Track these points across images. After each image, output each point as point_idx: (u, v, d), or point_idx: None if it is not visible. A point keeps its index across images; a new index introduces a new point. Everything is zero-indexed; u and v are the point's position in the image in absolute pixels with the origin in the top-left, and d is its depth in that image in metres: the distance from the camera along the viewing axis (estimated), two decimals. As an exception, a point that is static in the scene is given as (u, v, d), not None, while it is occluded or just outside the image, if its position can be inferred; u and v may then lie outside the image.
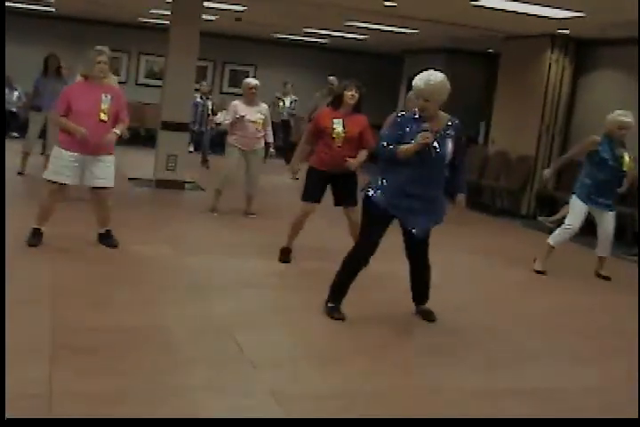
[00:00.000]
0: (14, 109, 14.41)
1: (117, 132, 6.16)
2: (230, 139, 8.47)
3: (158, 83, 12.26)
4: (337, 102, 6.36)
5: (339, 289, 5.11)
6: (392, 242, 5.16)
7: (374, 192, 4.92)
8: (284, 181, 11.95)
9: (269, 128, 8.59)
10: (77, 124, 5.95)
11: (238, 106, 8.35)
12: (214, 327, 4.71)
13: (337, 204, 6.57)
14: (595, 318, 6.04)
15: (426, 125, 4.78)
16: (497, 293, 6.47)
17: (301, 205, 6.54)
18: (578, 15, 8.65)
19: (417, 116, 4.90)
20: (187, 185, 10.38)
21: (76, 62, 10.24)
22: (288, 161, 14.64)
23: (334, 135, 6.26)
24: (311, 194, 6.46)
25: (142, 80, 16.00)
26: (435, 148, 4.81)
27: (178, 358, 4.12)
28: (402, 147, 4.78)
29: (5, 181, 7.85)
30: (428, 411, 3.76)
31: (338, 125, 6.26)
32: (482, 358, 4.62)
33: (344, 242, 6.74)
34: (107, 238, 6.40)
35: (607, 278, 7.18)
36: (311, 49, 17.23)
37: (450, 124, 4.94)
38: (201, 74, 14.34)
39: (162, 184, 10.04)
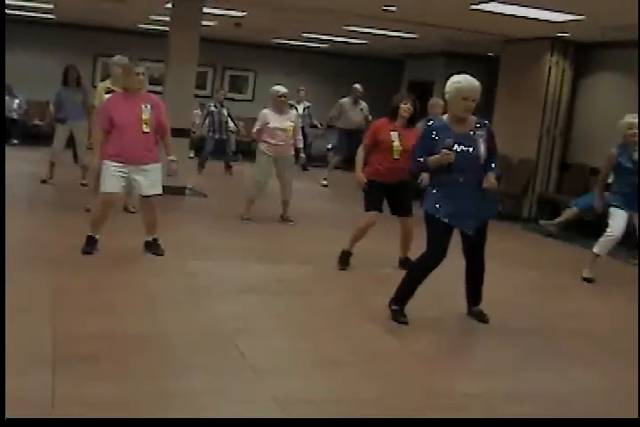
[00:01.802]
0: (15, 117, 14.47)
1: (174, 158, 6.43)
2: (261, 147, 8.53)
3: (158, 89, 12.25)
4: (393, 114, 6.48)
5: (405, 294, 5.23)
6: (393, 248, 5.17)
7: (430, 205, 5.08)
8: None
9: (300, 135, 8.66)
10: (120, 137, 6.10)
11: (268, 114, 8.39)
12: (215, 333, 4.70)
13: (394, 213, 6.71)
14: (596, 320, 6.03)
15: (449, 141, 4.90)
16: (497, 296, 6.44)
17: (366, 215, 6.61)
18: (578, 18, 8.64)
19: (443, 123, 5.04)
20: (188, 191, 10.37)
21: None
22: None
23: (393, 148, 6.38)
24: (373, 204, 6.57)
25: (143, 86, 15.99)
26: (468, 151, 4.94)
27: (179, 364, 4.11)
28: (430, 158, 4.94)
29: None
30: (430, 415, 3.74)
31: (395, 139, 6.39)
32: (482, 362, 4.61)
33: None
34: (153, 246, 6.47)
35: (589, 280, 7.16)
36: (311, 54, 17.24)
37: (479, 125, 5.07)
38: (201, 79, 14.34)
39: (163, 190, 9.97)
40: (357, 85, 12.76)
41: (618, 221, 7.00)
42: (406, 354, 4.73)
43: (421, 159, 5.01)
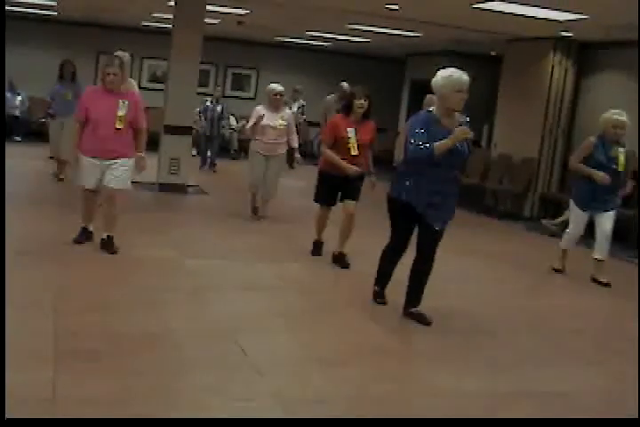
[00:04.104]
0: (18, 114, 14.45)
1: (142, 155, 6.34)
2: (252, 144, 8.53)
3: (161, 86, 12.26)
4: (347, 110, 6.50)
5: (380, 276, 5.50)
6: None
7: (401, 194, 5.04)
8: (294, 186, 11.86)
9: (294, 134, 8.60)
10: (93, 131, 6.10)
11: (261, 111, 8.35)
12: (217, 331, 4.70)
13: (341, 199, 6.73)
14: (596, 319, 6.03)
15: (464, 119, 4.86)
16: (499, 295, 6.45)
17: (318, 208, 6.88)
18: (581, 18, 8.63)
19: (434, 116, 4.93)
20: (190, 189, 10.37)
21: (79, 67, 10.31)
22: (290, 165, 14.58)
23: (349, 144, 6.42)
24: (326, 198, 6.78)
25: (145, 84, 15.98)
26: (466, 142, 4.94)
27: (181, 362, 4.11)
28: (437, 144, 4.79)
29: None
30: (431, 414, 3.74)
31: (352, 135, 6.42)
32: (484, 361, 4.61)
33: (349, 247, 6.76)
34: (107, 244, 6.35)
35: (607, 285, 6.96)
36: (314, 52, 17.23)
37: (462, 122, 4.99)
38: (203, 77, 14.35)
39: (165, 188, 10.03)
40: (344, 83, 12.80)
41: (576, 220, 7.09)
42: (407, 353, 4.73)
43: (426, 145, 4.76)
